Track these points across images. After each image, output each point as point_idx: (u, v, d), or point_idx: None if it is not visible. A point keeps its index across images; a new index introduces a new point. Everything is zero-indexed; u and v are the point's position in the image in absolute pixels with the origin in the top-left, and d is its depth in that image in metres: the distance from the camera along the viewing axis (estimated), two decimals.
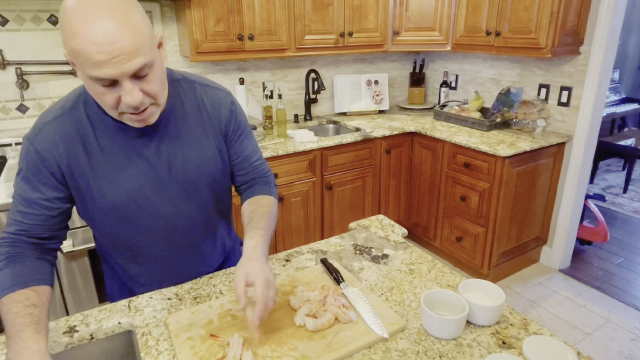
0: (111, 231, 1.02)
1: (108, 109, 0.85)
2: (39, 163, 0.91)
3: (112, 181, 0.95)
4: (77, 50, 0.76)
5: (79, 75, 0.82)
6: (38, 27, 2.16)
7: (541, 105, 2.69)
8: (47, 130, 0.91)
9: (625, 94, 5.15)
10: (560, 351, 0.83)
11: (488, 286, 0.99)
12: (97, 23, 0.74)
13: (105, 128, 0.93)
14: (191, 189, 1.03)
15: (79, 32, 0.74)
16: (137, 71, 0.80)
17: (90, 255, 1.85)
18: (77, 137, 0.92)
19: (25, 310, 0.80)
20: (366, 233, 1.37)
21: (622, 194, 4.24)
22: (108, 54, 0.75)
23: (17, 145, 2.20)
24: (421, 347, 0.89)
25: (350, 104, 3.22)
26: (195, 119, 1.02)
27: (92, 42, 0.74)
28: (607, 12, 2.38)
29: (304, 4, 2.59)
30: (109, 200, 0.96)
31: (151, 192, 0.98)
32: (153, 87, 0.85)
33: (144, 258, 1.08)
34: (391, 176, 2.97)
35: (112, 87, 0.80)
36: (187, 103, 1.01)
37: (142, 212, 0.99)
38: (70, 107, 0.93)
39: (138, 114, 0.86)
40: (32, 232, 0.92)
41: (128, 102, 0.81)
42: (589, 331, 2.33)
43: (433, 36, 2.96)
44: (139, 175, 0.97)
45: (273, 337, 0.89)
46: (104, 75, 0.77)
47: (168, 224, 1.03)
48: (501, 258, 2.66)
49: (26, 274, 0.86)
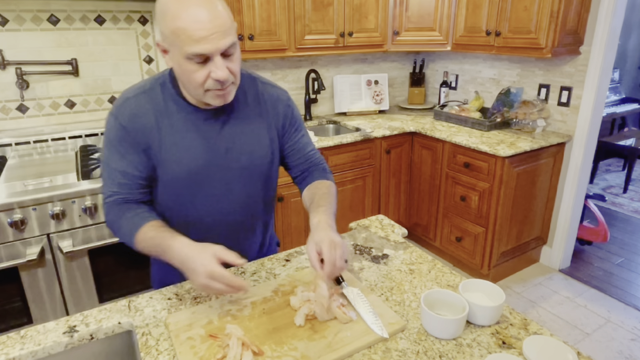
0: (168, 204, 1.11)
1: (196, 86, 0.95)
2: (123, 134, 1.01)
3: (176, 158, 1.04)
4: (180, 29, 0.88)
5: (170, 58, 0.96)
6: (38, 27, 2.16)
7: (541, 105, 2.69)
8: (128, 105, 1.02)
9: (625, 94, 5.15)
10: (560, 351, 0.83)
11: (488, 286, 0.99)
12: (197, 6, 0.88)
13: (177, 108, 1.04)
14: (242, 175, 1.12)
15: (181, 14, 0.87)
16: (227, 49, 0.92)
17: (90, 255, 1.85)
18: (153, 113, 1.03)
19: (157, 230, 0.99)
20: (366, 233, 1.37)
21: (622, 194, 4.24)
22: (208, 30, 0.88)
23: (17, 145, 2.21)
24: (421, 347, 0.89)
25: (350, 104, 3.22)
26: (255, 110, 1.12)
27: (195, 20, 0.87)
28: (607, 12, 2.38)
29: (304, 4, 2.59)
30: (170, 175, 1.05)
31: (207, 172, 1.07)
32: (235, 66, 0.97)
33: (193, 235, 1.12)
34: (391, 176, 2.97)
35: (203, 65, 0.92)
36: (249, 95, 1.12)
37: (197, 190, 1.08)
38: (149, 88, 1.05)
39: (222, 89, 0.96)
40: (130, 198, 1.05)
41: (218, 77, 0.92)
42: (589, 331, 2.33)
43: (433, 36, 2.96)
44: (199, 155, 1.06)
45: (273, 337, 0.89)
46: (202, 51, 0.89)
47: (217, 205, 1.12)
48: (501, 258, 2.66)
49: (141, 214, 1.03)
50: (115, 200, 1.05)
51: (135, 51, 2.44)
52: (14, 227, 1.68)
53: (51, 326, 0.95)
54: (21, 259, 1.69)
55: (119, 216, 1.04)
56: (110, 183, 1.05)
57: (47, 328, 0.94)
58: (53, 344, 0.90)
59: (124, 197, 1.05)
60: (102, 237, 1.85)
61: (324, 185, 1.16)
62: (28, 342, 0.90)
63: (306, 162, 1.22)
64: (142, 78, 2.49)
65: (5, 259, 1.69)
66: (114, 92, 2.44)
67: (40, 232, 1.74)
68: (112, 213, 1.05)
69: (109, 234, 1.86)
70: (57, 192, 1.73)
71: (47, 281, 1.79)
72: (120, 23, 2.36)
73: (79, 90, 2.34)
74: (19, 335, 0.92)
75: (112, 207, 1.05)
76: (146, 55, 2.47)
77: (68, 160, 2.08)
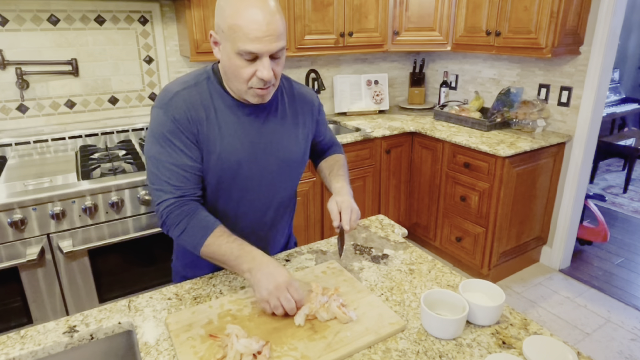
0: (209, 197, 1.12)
1: (241, 82, 1.00)
2: (177, 126, 1.02)
3: (219, 150, 1.06)
4: (238, 26, 0.93)
5: (220, 51, 1.01)
6: (38, 27, 2.16)
7: (541, 105, 2.68)
8: (180, 98, 1.04)
9: (625, 94, 5.14)
10: (560, 351, 0.83)
11: (488, 286, 0.99)
12: (257, 8, 0.93)
13: (223, 103, 1.07)
14: (277, 171, 1.16)
15: (242, 13, 0.93)
16: (276, 52, 0.98)
17: (90, 255, 1.85)
18: (201, 106, 1.05)
19: (230, 238, 1.01)
20: (366, 233, 1.37)
21: (622, 194, 4.24)
22: (263, 32, 0.94)
23: (17, 145, 2.21)
24: (421, 347, 0.89)
25: (350, 104, 3.22)
26: (291, 110, 1.19)
27: (253, 21, 0.93)
28: (607, 12, 2.38)
29: (304, 4, 2.59)
30: (211, 167, 1.07)
31: (246, 167, 1.10)
32: (279, 69, 1.03)
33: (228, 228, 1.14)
34: (391, 176, 2.97)
35: (251, 62, 0.97)
36: (286, 95, 1.19)
37: (235, 184, 1.11)
38: (195, 83, 1.07)
39: (263, 88, 1.01)
40: (191, 193, 1.05)
41: (263, 76, 0.97)
42: (589, 331, 2.33)
43: (433, 36, 2.96)
44: (241, 149, 1.08)
45: (273, 337, 0.89)
46: (254, 49, 0.94)
47: (252, 200, 1.15)
48: (501, 258, 2.66)
49: (207, 218, 1.04)
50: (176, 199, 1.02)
51: (135, 51, 2.44)
52: (14, 227, 1.68)
53: (51, 326, 0.95)
54: (21, 259, 1.69)
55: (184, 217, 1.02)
56: (170, 180, 1.02)
57: (47, 328, 0.94)
58: (53, 344, 0.90)
59: (184, 194, 1.03)
60: (102, 237, 1.85)
61: (340, 158, 1.35)
62: (28, 342, 0.90)
63: (327, 144, 1.38)
64: (142, 78, 2.49)
65: (5, 259, 1.69)
66: (114, 92, 2.44)
67: (40, 232, 1.74)
68: (175, 213, 1.02)
69: (109, 234, 1.86)
70: (57, 192, 1.73)
71: (47, 281, 1.79)
72: (120, 23, 2.36)
73: (79, 90, 2.34)
74: (19, 335, 0.92)
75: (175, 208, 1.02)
76: (146, 55, 2.47)
77: (68, 160, 2.08)
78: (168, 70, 2.56)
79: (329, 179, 1.26)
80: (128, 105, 2.49)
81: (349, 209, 1.12)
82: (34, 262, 1.72)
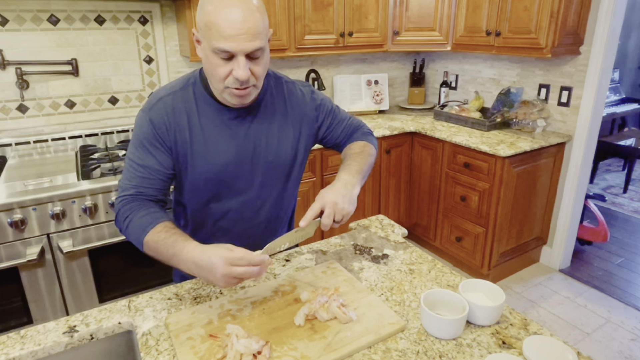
0: (193, 203, 1.13)
1: (217, 80, 0.98)
2: (153, 132, 1.03)
3: (204, 156, 1.07)
4: (212, 23, 0.92)
5: (201, 51, 0.99)
6: (38, 27, 2.16)
7: (541, 105, 2.68)
8: (162, 104, 1.05)
9: (625, 94, 5.15)
10: (560, 351, 0.83)
11: (488, 286, 0.99)
12: (234, 6, 0.92)
13: (207, 108, 1.07)
14: (267, 173, 1.14)
15: (217, 10, 0.92)
16: (253, 52, 0.95)
17: (90, 255, 1.85)
18: (184, 112, 1.05)
19: (168, 233, 0.96)
20: (366, 233, 1.37)
21: (622, 194, 4.24)
22: (236, 30, 0.91)
23: (17, 145, 2.21)
24: (421, 347, 0.89)
25: (350, 104, 3.22)
26: (281, 110, 1.15)
27: (227, 19, 0.91)
28: (607, 12, 2.38)
29: (304, 4, 2.59)
30: (198, 172, 1.08)
31: (234, 170, 1.10)
32: (259, 70, 0.99)
33: (216, 234, 1.13)
34: (391, 176, 2.97)
35: (227, 62, 0.95)
36: (276, 96, 1.15)
37: (223, 188, 1.11)
38: (181, 88, 1.07)
39: (240, 89, 0.98)
40: (147, 193, 1.04)
41: (238, 76, 0.94)
42: (589, 331, 2.33)
43: (433, 36, 2.96)
44: (228, 153, 1.08)
45: (273, 337, 0.89)
46: (227, 48, 0.92)
47: (242, 203, 1.14)
48: (501, 258, 2.66)
49: (153, 214, 1.00)
50: (130, 196, 1.03)
51: (135, 51, 2.44)
52: (14, 227, 1.68)
53: (51, 326, 0.95)
54: (21, 259, 1.69)
55: (130, 212, 1.01)
56: (130, 177, 1.04)
57: (47, 328, 0.94)
58: (53, 344, 0.90)
59: (140, 192, 1.03)
60: (102, 237, 1.85)
61: (357, 146, 1.24)
62: (28, 342, 0.90)
63: (348, 130, 1.29)
64: (142, 78, 2.49)
65: (5, 259, 1.69)
66: (114, 92, 2.44)
67: (40, 232, 1.74)
68: (124, 209, 1.02)
69: (109, 234, 1.86)
70: (57, 192, 1.73)
71: (47, 281, 1.79)
72: (120, 23, 2.36)
73: (79, 90, 2.34)
74: (19, 335, 0.92)
75: (125, 204, 1.02)
76: (146, 55, 2.47)
77: (68, 160, 2.08)
78: (168, 70, 2.56)
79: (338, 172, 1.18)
80: (128, 105, 2.49)
81: (333, 209, 1.00)
82: (34, 262, 1.73)
